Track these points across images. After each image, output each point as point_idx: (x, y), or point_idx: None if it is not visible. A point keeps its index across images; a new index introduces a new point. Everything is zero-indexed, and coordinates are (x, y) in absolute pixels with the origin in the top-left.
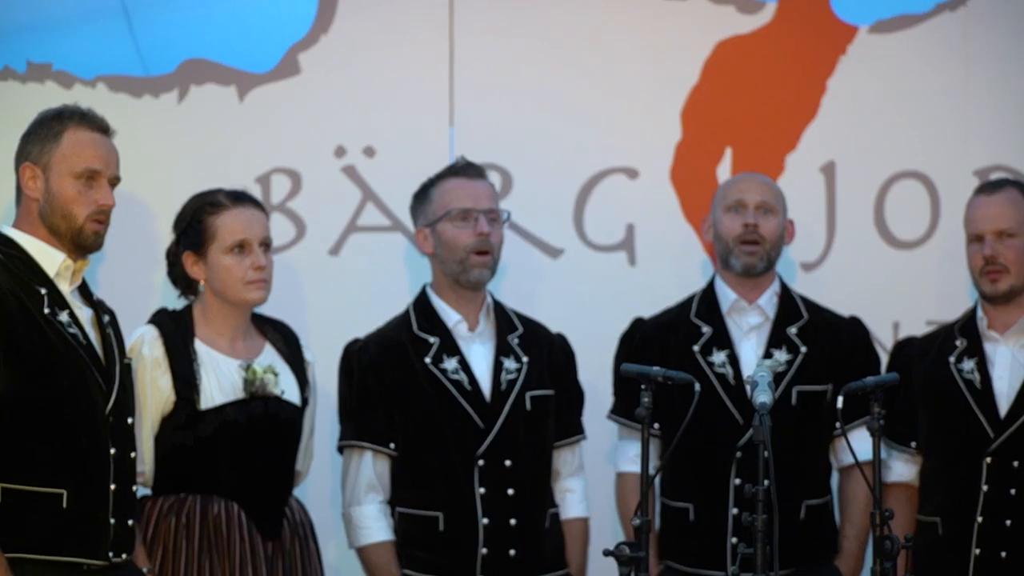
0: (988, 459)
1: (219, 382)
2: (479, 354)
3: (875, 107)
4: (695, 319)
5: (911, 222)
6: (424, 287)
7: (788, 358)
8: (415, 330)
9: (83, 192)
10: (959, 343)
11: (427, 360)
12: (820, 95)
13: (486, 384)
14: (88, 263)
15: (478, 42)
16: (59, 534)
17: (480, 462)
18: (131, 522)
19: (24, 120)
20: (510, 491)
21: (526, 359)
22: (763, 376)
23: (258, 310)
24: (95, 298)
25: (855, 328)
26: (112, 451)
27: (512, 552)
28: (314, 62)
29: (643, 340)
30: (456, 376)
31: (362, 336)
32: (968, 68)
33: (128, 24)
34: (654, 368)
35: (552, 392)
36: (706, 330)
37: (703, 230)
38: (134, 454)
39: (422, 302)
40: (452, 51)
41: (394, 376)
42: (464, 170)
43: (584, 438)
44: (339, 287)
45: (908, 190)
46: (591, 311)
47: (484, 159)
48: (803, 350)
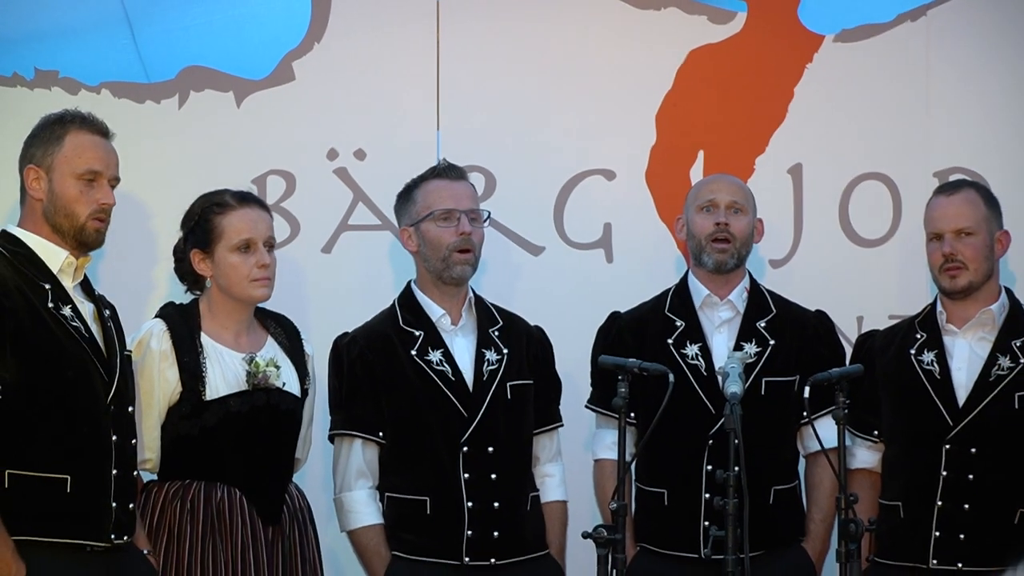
0: (947, 446)
1: (224, 374)
2: (462, 346)
3: (840, 112)
4: (669, 313)
5: (874, 221)
6: (409, 283)
7: (757, 350)
8: (401, 324)
9: (84, 192)
10: (919, 336)
11: (413, 352)
12: (788, 101)
13: (469, 375)
14: (90, 259)
15: (463, 52)
16: (63, 517)
17: (464, 449)
18: (131, 506)
19: (32, 124)
20: (493, 476)
21: (506, 351)
22: (734, 367)
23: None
24: (96, 293)
25: (821, 322)
26: (114, 438)
27: (496, 534)
28: (307, 70)
29: (619, 333)
30: (440, 367)
31: (351, 330)
32: (928, 75)
33: (131, 33)
34: (630, 360)
35: (531, 382)
36: (679, 324)
37: (677, 228)
38: (134, 441)
39: (407, 297)
40: (438, 60)
41: (382, 368)
42: (446, 172)
43: (561, 425)
44: (331, 283)
45: (871, 191)
46: (570, 305)
47: (469, 162)
48: (772, 343)
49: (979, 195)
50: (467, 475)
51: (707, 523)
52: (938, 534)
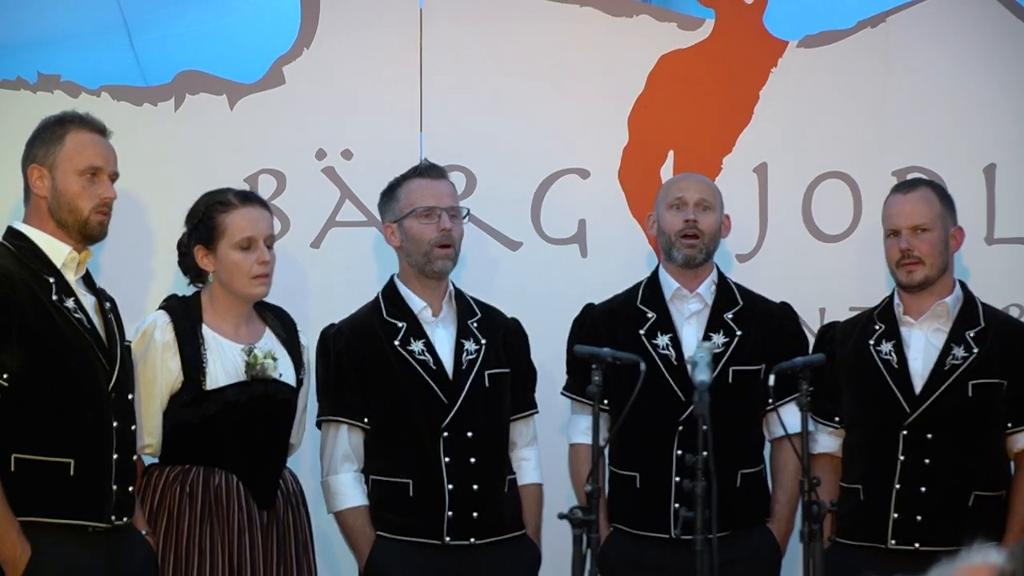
0: (904, 432)
1: (223, 365)
2: (442, 337)
3: (803, 114)
4: (641, 305)
5: (835, 218)
6: (392, 277)
7: (725, 341)
8: (384, 316)
9: (87, 187)
10: (878, 327)
11: (396, 343)
12: (753, 103)
13: (449, 364)
14: (91, 254)
15: (444, 57)
16: (66, 499)
17: (445, 434)
18: (131, 489)
19: (35, 126)
20: (472, 459)
21: (484, 341)
22: (702, 357)
23: None
24: (97, 286)
25: (785, 313)
26: (115, 424)
27: (475, 515)
28: (297, 74)
29: (593, 324)
30: (422, 357)
31: (337, 321)
32: (887, 79)
33: (129, 39)
34: (604, 349)
35: (508, 370)
36: (651, 315)
37: (648, 225)
38: (134, 427)
39: (390, 290)
40: (421, 65)
41: (366, 357)
42: (427, 171)
43: (537, 412)
44: (320, 276)
45: (832, 189)
46: (546, 298)
47: (450, 161)
48: (738, 333)
49: (934, 193)
50: (448, 459)
51: (677, 505)
52: (896, 515)
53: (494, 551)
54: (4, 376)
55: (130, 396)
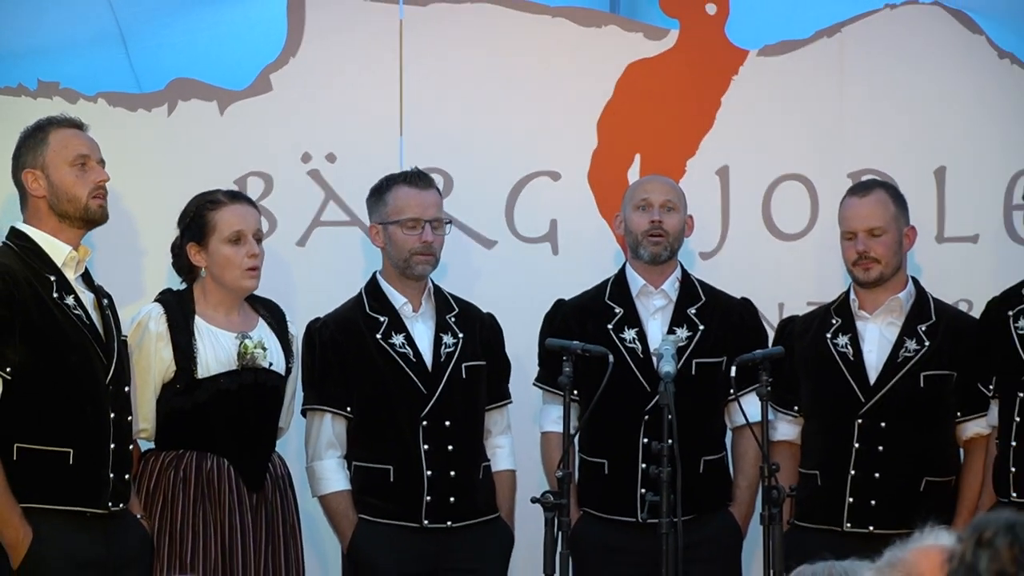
0: (859, 420)
1: (216, 354)
2: (421, 331)
3: (763, 119)
4: (609, 301)
5: (793, 217)
6: (375, 273)
7: (688, 334)
8: (367, 310)
9: (80, 176)
10: (835, 321)
11: (378, 336)
12: (716, 109)
13: (428, 356)
14: (90, 253)
15: (423, 65)
16: (65, 487)
17: (424, 423)
18: (127, 476)
19: None
20: (450, 447)
21: (461, 335)
22: (667, 350)
23: None
24: (96, 284)
25: (746, 308)
26: (112, 416)
27: (452, 499)
28: (284, 81)
29: (564, 318)
30: (402, 350)
31: (322, 315)
32: (842, 85)
33: (124, 48)
34: (574, 342)
35: (483, 363)
36: (618, 310)
37: (615, 224)
38: (130, 418)
39: (373, 286)
40: (401, 72)
41: (350, 350)
42: (415, 180)
43: (511, 402)
44: (306, 273)
45: (791, 190)
46: (519, 294)
47: (429, 164)
48: (701, 327)
49: (888, 195)
50: (426, 446)
51: (644, 490)
52: (851, 500)
53: (469, 533)
54: (7, 370)
55: (126, 388)
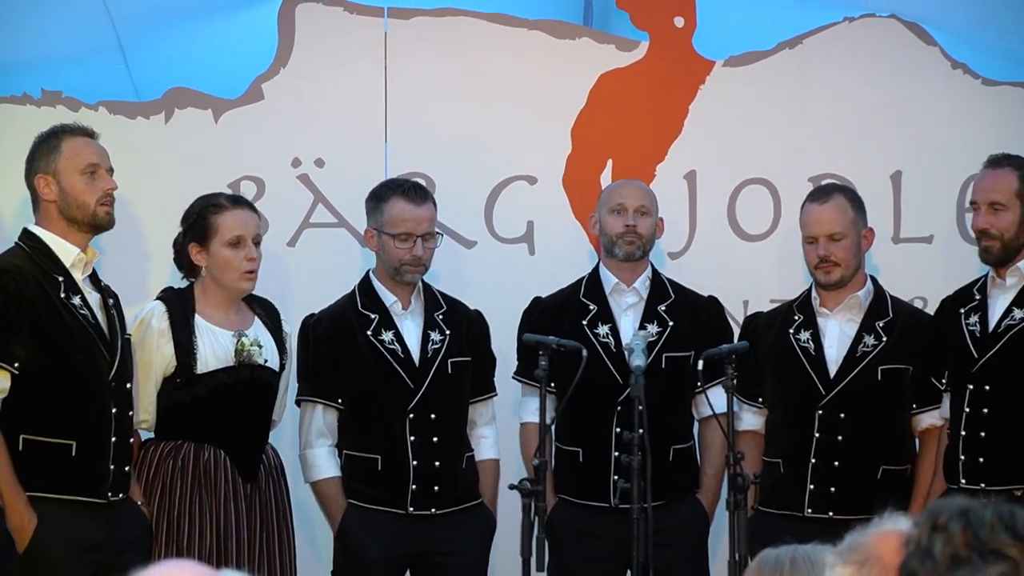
0: (820, 412)
1: (214, 351)
2: (410, 328)
3: (728, 126)
4: (583, 298)
5: (757, 219)
6: (368, 272)
7: (659, 330)
8: (359, 308)
9: (89, 184)
10: (797, 318)
11: (368, 332)
12: (684, 117)
13: (416, 352)
14: (98, 255)
15: (407, 75)
16: (68, 477)
17: (411, 415)
18: (127, 468)
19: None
20: (435, 439)
21: (448, 332)
22: (638, 344)
23: None
24: (102, 284)
25: (713, 305)
26: (114, 410)
27: (436, 488)
28: (275, 90)
29: (541, 315)
30: (392, 346)
31: (316, 311)
32: (804, 95)
33: (124, 59)
34: (549, 337)
35: (469, 359)
36: (592, 307)
37: (590, 225)
38: (131, 412)
39: (365, 285)
40: (386, 82)
41: (342, 345)
42: (412, 194)
43: (495, 395)
44: (296, 271)
45: (755, 193)
46: (498, 291)
47: (412, 168)
48: (671, 323)
49: (847, 200)
50: (413, 438)
51: (616, 477)
52: (812, 487)
53: (453, 519)
54: (15, 365)
55: (128, 385)
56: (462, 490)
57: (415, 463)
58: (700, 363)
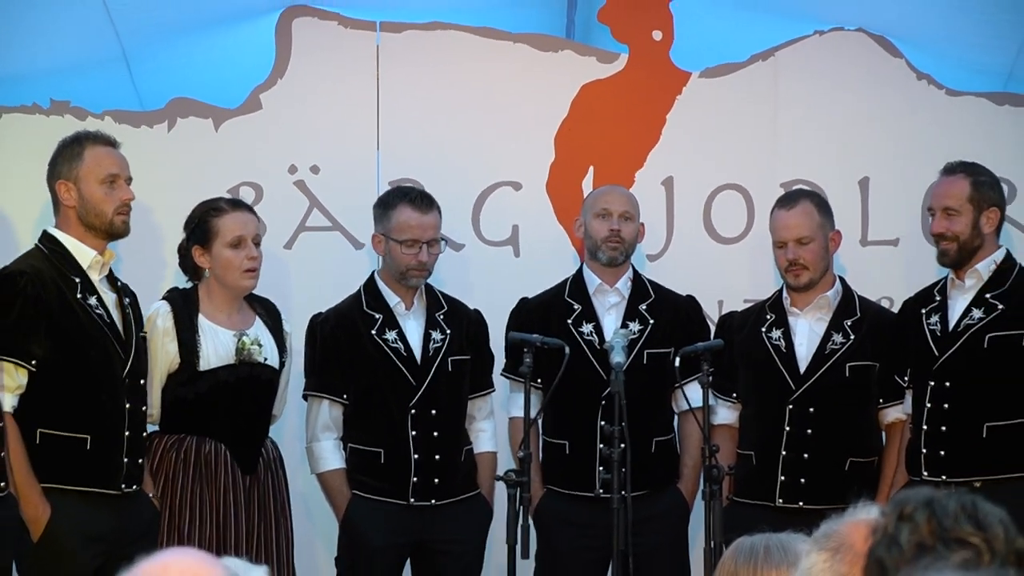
0: (790, 406)
1: (216, 349)
2: (413, 327)
3: (704, 135)
4: (568, 298)
5: (731, 223)
6: (373, 273)
7: (640, 328)
8: (364, 307)
9: (108, 193)
10: (769, 317)
11: (373, 331)
12: (661, 125)
13: (418, 351)
14: (114, 256)
15: (398, 86)
16: (83, 470)
17: (412, 411)
18: (140, 461)
19: (48, 145)
20: (435, 433)
21: (449, 331)
22: (618, 342)
23: None
24: (119, 283)
25: (690, 304)
26: (127, 406)
27: (436, 480)
28: (272, 100)
29: (528, 314)
30: (395, 344)
31: (323, 310)
32: (776, 104)
33: (128, 70)
34: (534, 336)
35: (468, 357)
36: (577, 307)
37: (575, 228)
38: (145, 408)
39: (370, 285)
40: (378, 92)
41: (347, 343)
42: (419, 203)
43: (493, 391)
44: (292, 273)
45: (729, 199)
46: (485, 292)
47: (403, 174)
48: (651, 322)
49: (814, 205)
50: (414, 432)
51: (601, 468)
52: (783, 478)
53: (451, 509)
54: (32, 362)
55: (142, 381)
56: (461, 482)
57: (416, 456)
58: (677, 360)
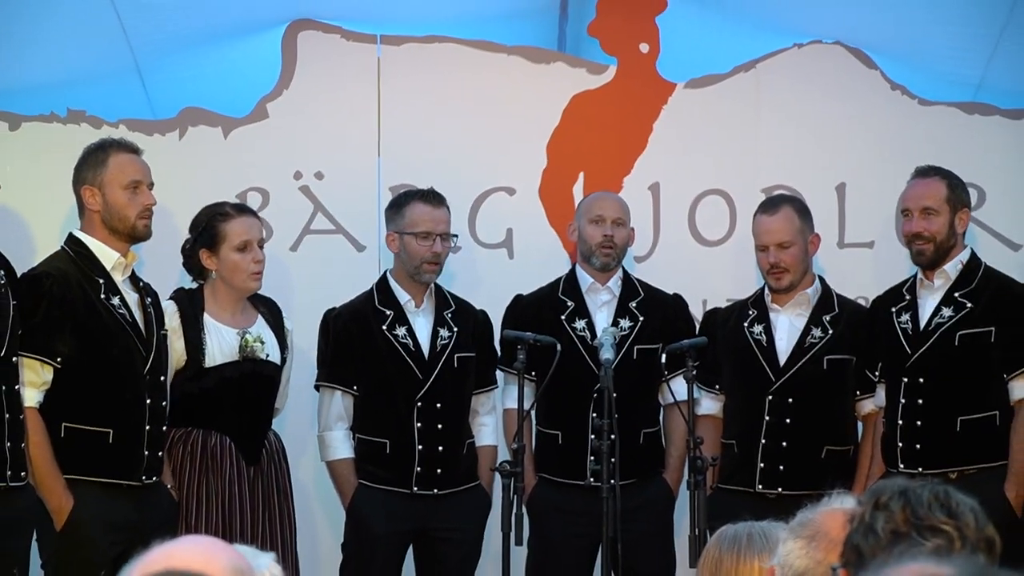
0: (770, 397)
1: (221, 347)
2: (422, 325)
3: (689, 143)
4: (562, 296)
5: (715, 227)
6: (385, 272)
7: (630, 325)
8: (376, 304)
9: (131, 198)
10: (751, 312)
11: (383, 327)
12: (648, 134)
13: (426, 347)
14: (137, 258)
15: (398, 96)
16: (105, 462)
17: (418, 404)
18: (160, 453)
19: (67, 152)
20: (439, 426)
21: (456, 329)
22: (607, 340)
23: None
24: (142, 283)
25: (678, 302)
26: (148, 401)
27: (439, 471)
28: (278, 110)
29: (523, 310)
30: (404, 340)
31: (334, 306)
32: (758, 114)
33: (141, 81)
34: (527, 333)
35: (473, 354)
36: (570, 304)
37: (569, 232)
38: (165, 403)
39: (383, 284)
40: (379, 102)
41: (359, 337)
42: (430, 198)
43: (496, 387)
44: (298, 273)
45: (712, 203)
46: (480, 292)
47: (403, 180)
48: (641, 319)
49: (795, 210)
50: (419, 424)
51: (592, 458)
52: (763, 465)
53: (453, 499)
54: (57, 360)
55: (163, 377)
56: (462, 473)
57: (421, 447)
58: (663, 356)
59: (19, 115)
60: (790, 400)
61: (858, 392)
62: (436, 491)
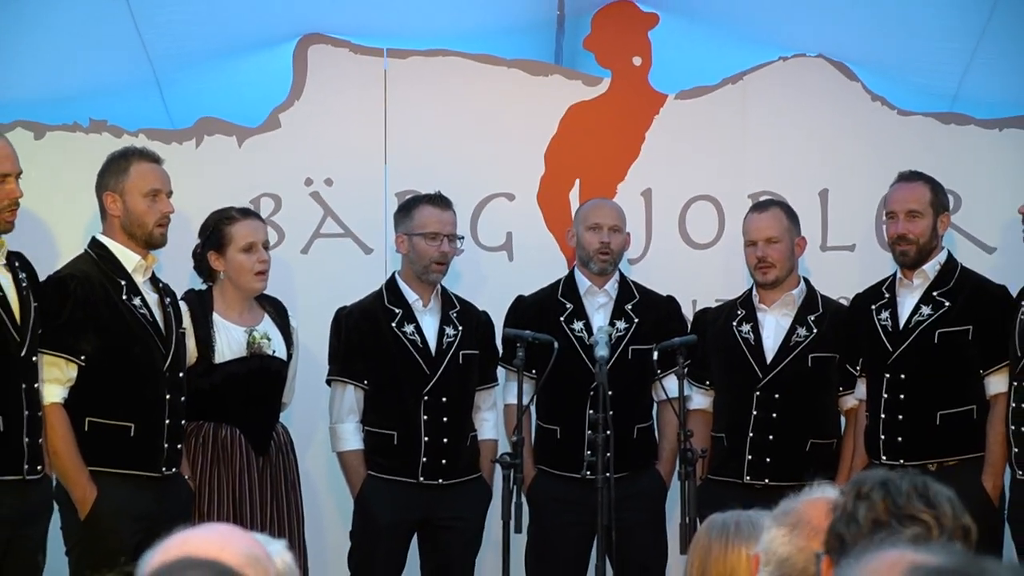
0: (757, 393)
1: (229, 344)
2: (429, 323)
3: (679, 150)
4: (561, 298)
5: (704, 231)
6: (394, 273)
7: (626, 325)
8: (385, 303)
9: (151, 206)
10: (740, 312)
11: (392, 325)
12: (640, 142)
13: (432, 344)
14: (156, 260)
15: (404, 106)
16: (127, 454)
17: (425, 398)
18: (179, 446)
19: (89, 160)
20: (445, 419)
21: (461, 328)
22: (602, 338)
23: None
24: (161, 284)
25: (670, 304)
26: (167, 396)
27: (443, 461)
28: (290, 119)
29: (524, 310)
30: (412, 337)
31: (345, 305)
32: (745, 123)
33: (160, 93)
34: (526, 331)
35: (477, 352)
36: (569, 305)
37: (567, 238)
38: (183, 398)
39: (392, 283)
40: (385, 112)
41: (369, 334)
42: (438, 202)
43: (497, 384)
44: (308, 275)
45: (702, 208)
46: (481, 293)
47: (408, 186)
48: (636, 320)
49: (782, 211)
50: (425, 417)
51: (588, 452)
52: (750, 458)
53: (456, 489)
54: (81, 358)
55: (181, 374)
56: (465, 464)
57: (426, 439)
58: (655, 354)
59: (44, 124)
60: (776, 396)
61: (841, 388)
62: (441, 481)
